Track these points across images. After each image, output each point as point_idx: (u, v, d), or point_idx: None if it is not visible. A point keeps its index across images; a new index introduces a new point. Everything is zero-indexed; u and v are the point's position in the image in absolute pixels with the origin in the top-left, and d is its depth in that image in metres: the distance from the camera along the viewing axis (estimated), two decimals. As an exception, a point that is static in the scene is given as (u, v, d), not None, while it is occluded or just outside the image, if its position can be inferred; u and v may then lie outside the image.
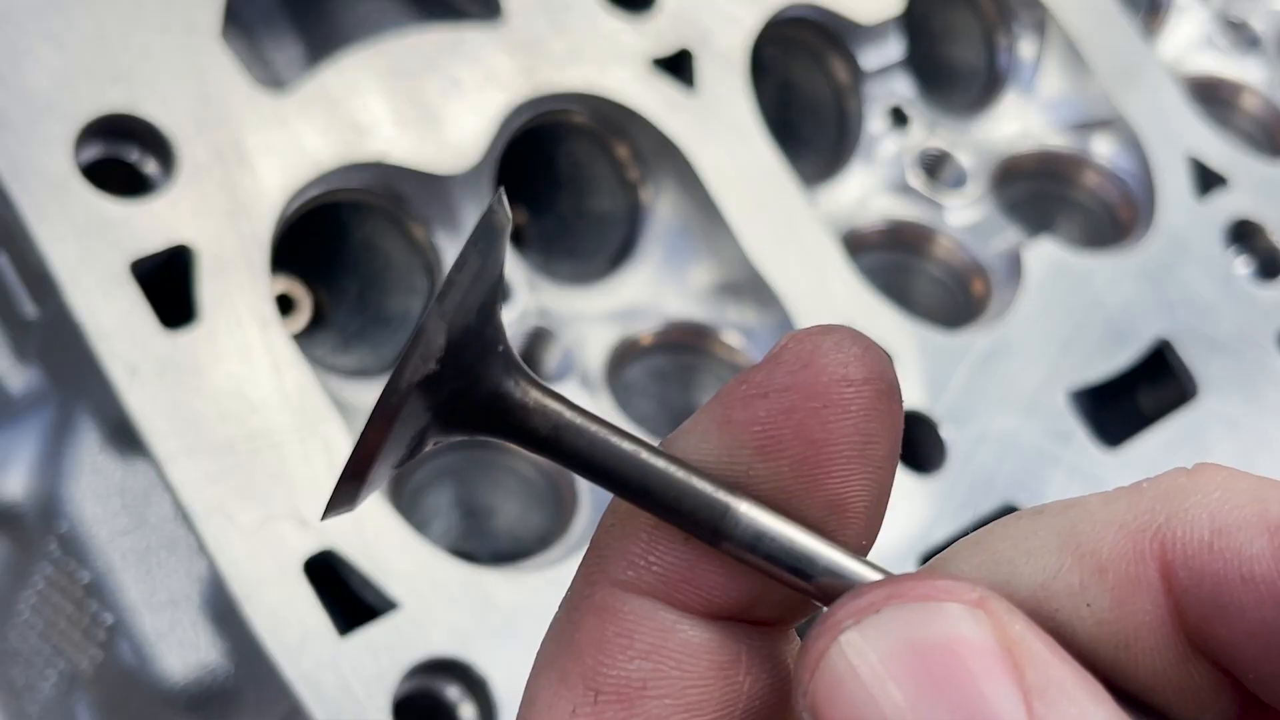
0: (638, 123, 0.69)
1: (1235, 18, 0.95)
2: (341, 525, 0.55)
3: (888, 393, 0.26)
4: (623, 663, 0.25)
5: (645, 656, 0.25)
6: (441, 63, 0.65)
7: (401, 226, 0.66)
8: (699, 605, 0.26)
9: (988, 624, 0.22)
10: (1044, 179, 0.84)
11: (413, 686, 0.54)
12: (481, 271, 0.24)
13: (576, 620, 0.26)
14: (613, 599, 0.26)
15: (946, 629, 0.22)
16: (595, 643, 0.25)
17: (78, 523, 0.58)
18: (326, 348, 0.68)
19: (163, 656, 0.57)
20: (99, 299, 0.55)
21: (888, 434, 0.26)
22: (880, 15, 0.77)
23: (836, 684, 0.22)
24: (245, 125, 0.60)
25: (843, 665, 0.22)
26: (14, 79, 0.57)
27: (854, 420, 0.25)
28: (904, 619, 0.22)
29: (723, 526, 0.25)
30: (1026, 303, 0.73)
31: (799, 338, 0.26)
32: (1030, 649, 0.22)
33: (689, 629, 0.25)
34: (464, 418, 0.25)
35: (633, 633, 0.25)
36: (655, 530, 0.26)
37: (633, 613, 0.25)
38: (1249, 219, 0.81)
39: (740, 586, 0.26)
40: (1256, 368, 0.76)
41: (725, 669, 0.25)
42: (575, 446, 0.25)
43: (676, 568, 0.25)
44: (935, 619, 0.22)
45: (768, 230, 0.69)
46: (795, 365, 0.25)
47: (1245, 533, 0.24)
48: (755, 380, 0.25)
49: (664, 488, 0.25)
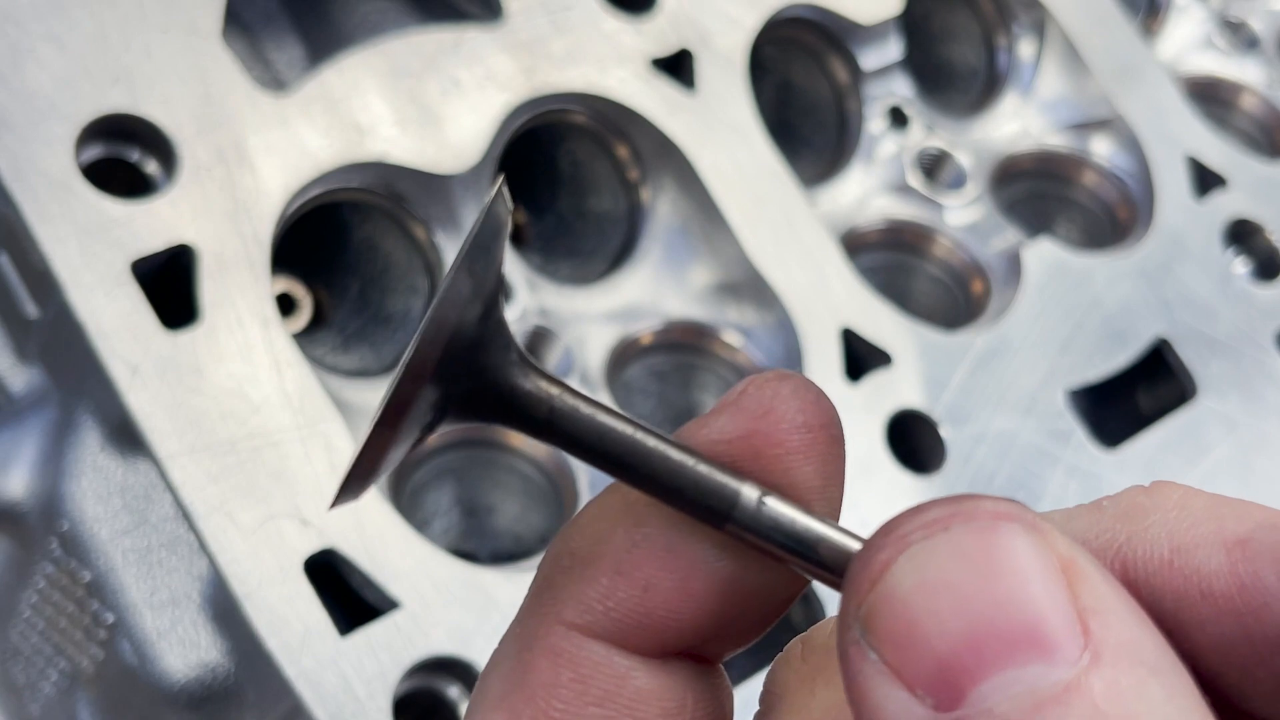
0: (638, 123, 0.69)
1: (1234, 18, 0.95)
2: (342, 525, 0.55)
3: (839, 439, 0.27)
4: (576, 709, 0.26)
5: (599, 704, 0.26)
6: (442, 63, 0.65)
7: (402, 226, 0.66)
8: (652, 648, 0.26)
9: (1046, 546, 0.22)
10: (1043, 179, 0.85)
11: (413, 685, 0.54)
12: (484, 262, 0.24)
13: (529, 661, 0.26)
14: (567, 643, 0.26)
15: (1010, 548, 0.22)
16: (548, 686, 0.26)
17: (79, 522, 0.58)
18: (327, 347, 0.68)
19: (164, 655, 0.57)
20: (100, 299, 0.55)
21: (839, 478, 0.27)
22: (880, 15, 0.77)
23: (901, 596, 0.22)
24: (246, 125, 0.60)
25: (910, 578, 0.22)
26: (15, 79, 0.57)
27: (814, 465, 0.26)
28: (972, 535, 0.22)
29: (734, 507, 0.25)
30: (1026, 302, 0.73)
31: (758, 384, 0.26)
32: (1085, 571, 0.22)
33: (641, 677, 0.26)
34: (471, 406, 0.25)
35: (587, 679, 0.26)
36: (615, 576, 0.26)
37: (588, 659, 0.26)
38: (1248, 219, 0.81)
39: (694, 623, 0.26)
40: (1255, 368, 0.76)
41: (672, 715, 0.26)
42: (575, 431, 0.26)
43: (633, 613, 0.26)
44: (1000, 537, 0.22)
45: (768, 230, 0.69)
46: (757, 411, 0.26)
47: (1203, 550, 0.25)
48: (717, 425, 0.26)
49: (673, 471, 0.25)
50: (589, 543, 0.27)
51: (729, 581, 0.26)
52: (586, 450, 0.26)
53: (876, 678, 0.22)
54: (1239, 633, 0.25)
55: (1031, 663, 0.21)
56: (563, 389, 0.26)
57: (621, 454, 0.26)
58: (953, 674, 0.22)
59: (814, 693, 0.27)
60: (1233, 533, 0.25)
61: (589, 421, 0.26)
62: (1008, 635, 0.22)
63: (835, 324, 0.68)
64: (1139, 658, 0.22)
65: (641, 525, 0.26)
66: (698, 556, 0.26)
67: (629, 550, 0.26)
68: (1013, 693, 0.21)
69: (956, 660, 0.22)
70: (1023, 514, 0.23)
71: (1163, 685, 0.21)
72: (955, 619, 0.22)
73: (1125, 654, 0.21)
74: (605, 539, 0.26)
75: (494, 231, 0.25)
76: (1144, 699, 0.21)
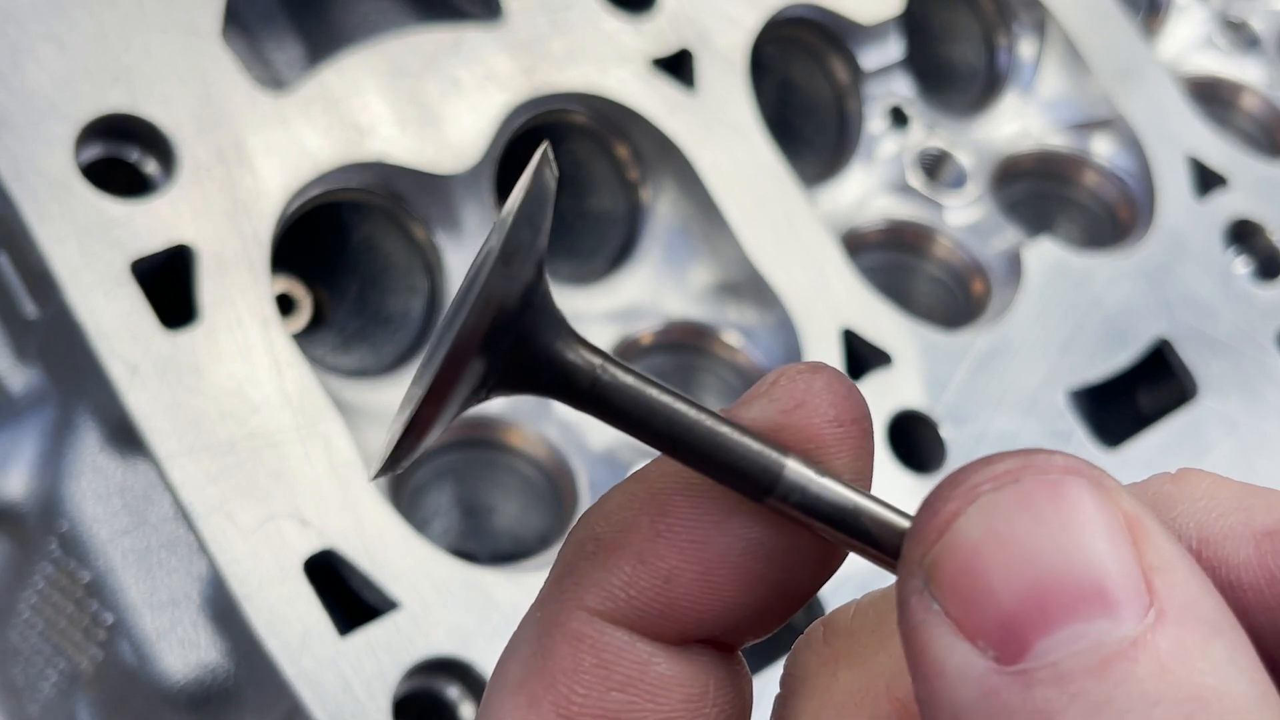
0: (638, 123, 0.69)
1: (1235, 18, 0.95)
2: (342, 525, 0.55)
3: (870, 433, 0.27)
4: (599, 693, 0.26)
5: (622, 689, 0.26)
6: (442, 62, 0.65)
7: (401, 226, 0.66)
8: (672, 635, 0.26)
9: (1114, 503, 0.22)
10: (1044, 179, 0.85)
11: (413, 686, 0.54)
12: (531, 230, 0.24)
13: (549, 647, 0.26)
14: (590, 628, 0.26)
15: (1080, 502, 0.22)
16: (570, 671, 0.26)
17: (78, 522, 0.58)
18: (326, 347, 0.68)
19: (163, 656, 0.57)
20: (100, 299, 0.55)
21: (870, 472, 0.27)
22: (880, 15, 0.77)
23: (969, 547, 0.22)
24: (246, 125, 0.60)
25: (979, 529, 0.22)
26: (15, 79, 0.57)
27: (845, 460, 0.26)
28: (1043, 489, 0.22)
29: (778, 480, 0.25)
30: (1026, 302, 0.73)
31: (790, 375, 0.26)
32: (1150, 530, 0.22)
33: (663, 663, 0.26)
34: (515, 377, 0.25)
35: (610, 665, 0.26)
36: (638, 565, 0.26)
37: (610, 644, 0.26)
38: (1248, 219, 0.81)
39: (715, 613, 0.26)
40: (1256, 368, 0.76)
41: (694, 701, 0.26)
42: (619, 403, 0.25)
43: (656, 602, 0.26)
44: (1071, 491, 0.22)
45: (768, 230, 0.69)
46: (788, 404, 0.26)
47: (1232, 542, 0.25)
48: (748, 416, 0.26)
49: (717, 442, 0.25)
50: (613, 529, 0.26)
51: (752, 573, 0.26)
52: (630, 422, 0.26)
53: (939, 629, 0.22)
54: (1269, 625, 0.25)
55: (1097, 618, 0.21)
56: (605, 359, 0.25)
57: (665, 426, 0.25)
58: (1018, 627, 0.21)
59: (836, 675, 0.27)
60: (1261, 524, 0.25)
61: (633, 392, 0.25)
62: (1074, 590, 0.21)
63: (835, 324, 0.68)
64: (1202, 617, 0.21)
65: (666, 515, 0.26)
66: (722, 547, 0.26)
67: (653, 540, 0.26)
68: (1078, 648, 0.21)
69: (1022, 613, 0.21)
70: (1091, 470, 0.23)
71: (1225, 645, 0.21)
72: (1022, 572, 0.22)
73: (1190, 613, 0.21)
74: (630, 527, 0.26)
75: (541, 198, 0.24)
76: (1208, 657, 0.21)
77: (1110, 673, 0.21)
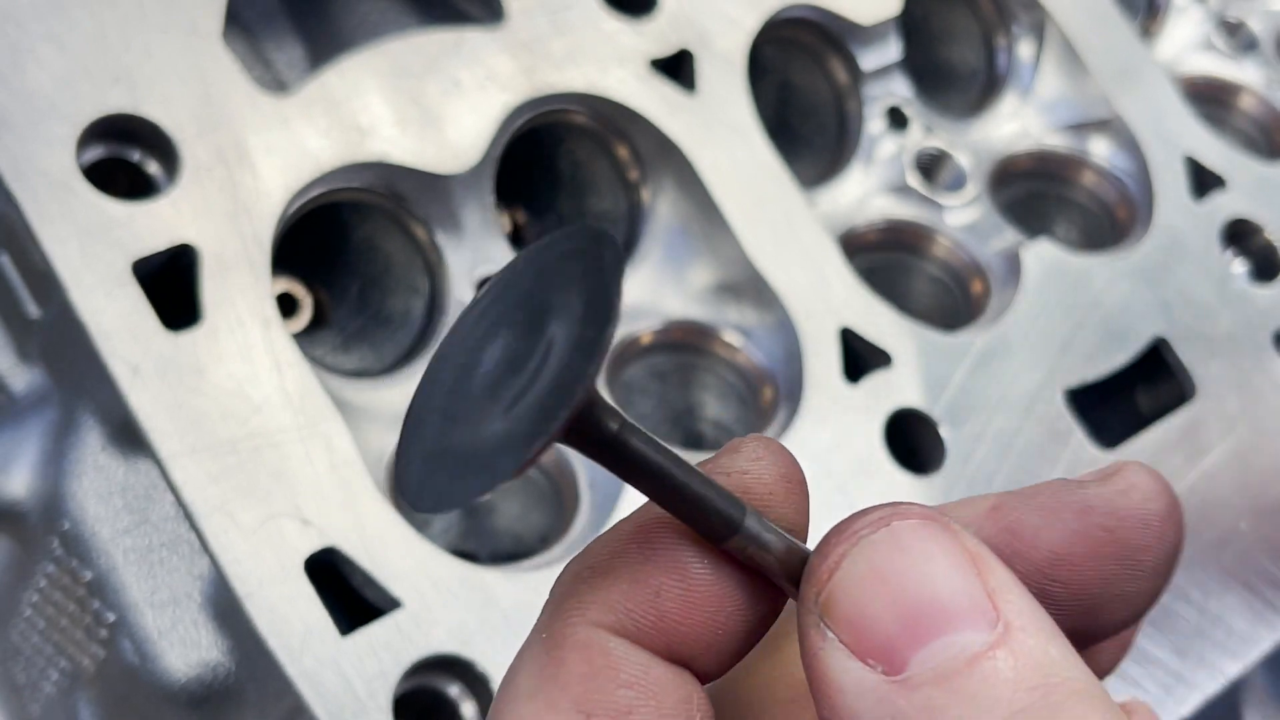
0: (638, 123, 0.69)
1: (1233, 19, 0.95)
2: (343, 524, 0.55)
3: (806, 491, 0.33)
4: (610, 689, 0.29)
5: (630, 686, 0.30)
6: (442, 63, 0.65)
7: (402, 226, 0.66)
8: (662, 649, 0.30)
9: (960, 542, 0.29)
10: (1042, 179, 0.85)
11: (414, 684, 0.55)
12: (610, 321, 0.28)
13: (560, 657, 0.30)
14: (597, 637, 0.30)
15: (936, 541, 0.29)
16: (583, 674, 0.29)
17: (80, 521, 0.58)
18: (327, 347, 0.68)
19: (165, 655, 0.57)
20: (101, 299, 0.55)
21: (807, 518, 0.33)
22: (879, 16, 0.77)
23: (855, 581, 0.28)
24: (247, 126, 0.60)
25: (861, 565, 0.28)
26: (16, 79, 0.58)
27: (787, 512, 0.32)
28: (908, 531, 0.29)
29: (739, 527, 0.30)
30: (1025, 303, 0.73)
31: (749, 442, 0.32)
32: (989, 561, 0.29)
33: (659, 667, 0.30)
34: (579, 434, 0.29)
35: (619, 665, 0.30)
36: (632, 583, 0.30)
37: (615, 649, 0.30)
38: (1246, 219, 0.81)
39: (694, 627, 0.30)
40: (1254, 368, 0.76)
41: (685, 703, 0.30)
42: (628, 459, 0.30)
43: (649, 614, 0.30)
44: (928, 533, 0.29)
45: (767, 230, 0.69)
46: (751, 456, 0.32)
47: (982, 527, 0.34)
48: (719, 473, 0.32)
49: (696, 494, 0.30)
50: (607, 559, 0.31)
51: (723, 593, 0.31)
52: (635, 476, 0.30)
53: (834, 654, 0.28)
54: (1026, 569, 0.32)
55: (960, 630, 0.27)
56: (623, 421, 0.29)
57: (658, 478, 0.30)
58: (899, 644, 0.27)
59: None
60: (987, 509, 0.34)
61: (637, 452, 0.30)
62: (940, 610, 0.28)
63: (835, 324, 0.68)
64: (1039, 625, 0.28)
65: (652, 544, 0.31)
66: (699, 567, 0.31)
67: (642, 563, 0.31)
68: (949, 654, 0.27)
69: (902, 632, 0.27)
70: (940, 517, 0.29)
71: (1060, 644, 0.28)
72: (898, 600, 0.28)
73: (1029, 621, 0.28)
74: (622, 554, 0.31)
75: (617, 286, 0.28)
76: (1049, 653, 0.27)
77: (976, 670, 0.27)
